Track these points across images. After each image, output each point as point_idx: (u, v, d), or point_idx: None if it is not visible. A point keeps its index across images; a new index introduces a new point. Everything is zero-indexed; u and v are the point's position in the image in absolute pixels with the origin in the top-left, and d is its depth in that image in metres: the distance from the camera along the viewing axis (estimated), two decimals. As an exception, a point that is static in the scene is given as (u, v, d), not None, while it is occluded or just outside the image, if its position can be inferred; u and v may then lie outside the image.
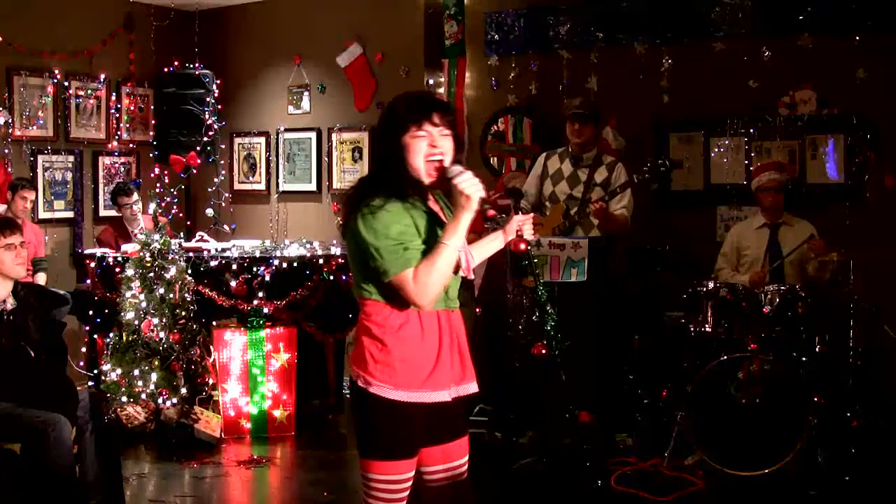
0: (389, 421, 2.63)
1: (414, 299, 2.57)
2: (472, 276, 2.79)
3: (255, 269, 6.05)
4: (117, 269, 6.14)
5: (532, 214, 3.04)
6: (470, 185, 2.56)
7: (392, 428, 2.63)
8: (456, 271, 2.67)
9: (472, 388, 2.76)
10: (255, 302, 5.99)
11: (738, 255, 5.54)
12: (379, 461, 2.64)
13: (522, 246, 2.90)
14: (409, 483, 2.70)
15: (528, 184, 5.71)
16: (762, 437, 4.72)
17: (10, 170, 6.95)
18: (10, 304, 4.11)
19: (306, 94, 7.91)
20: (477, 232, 5.10)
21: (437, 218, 2.69)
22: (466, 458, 2.81)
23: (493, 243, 2.97)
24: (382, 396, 2.61)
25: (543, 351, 4.97)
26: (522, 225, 2.91)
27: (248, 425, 5.91)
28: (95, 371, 6.36)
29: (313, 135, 7.88)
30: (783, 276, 5.28)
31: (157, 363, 5.76)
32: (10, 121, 7.02)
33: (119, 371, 5.79)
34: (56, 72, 7.31)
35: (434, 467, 2.75)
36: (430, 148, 2.63)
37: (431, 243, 2.59)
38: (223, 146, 7.94)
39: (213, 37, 8.16)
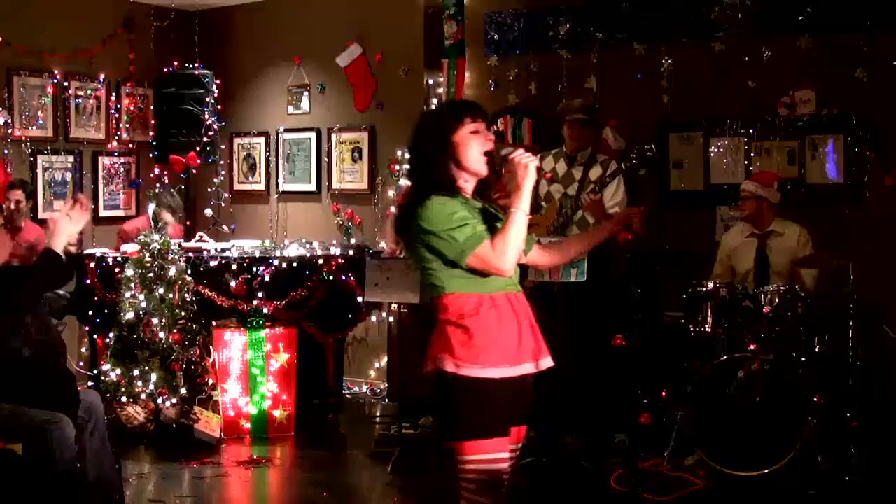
0: (483, 399, 2.73)
1: (497, 266, 2.74)
2: (524, 259, 2.98)
3: (254, 269, 6.05)
4: (117, 270, 6.14)
5: (642, 207, 3.24)
6: (526, 157, 2.78)
7: (485, 406, 2.74)
8: None
9: (549, 362, 2.90)
10: (255, 302, 5.99)
11: (729, 264, 5.52)
12: (475, 440, 2.74)
13: (627, 236, 3.09)
14: (507, 465, 2.81)
15: None
16: (762, 437, 4.72)
17: (9, 170, 6.94)
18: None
19: (306, 94, 7.90)
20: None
21: (484, 208, 2.89)
22: (521, 444, 2.98)
23: (597, 235, 3.22)
24: (473, 377, 2.73)
25: None
26: (631, 217, 3.14)
27: (248, 425, 5.91)
28: (95, 371, 6.36)
29: (313, 135, 7.88)
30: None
31: (157, 363, 5.76)
32: (9, 121, 7.01)
33: (119, 371, 5.79)
34: (56, 72, 7.31)
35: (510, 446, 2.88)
36: (485, 141, 2.85)
37: (490, 227, 2.79)
38: (223, 146, 7.93)
39: (213, 37, 8.16)
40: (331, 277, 6.17)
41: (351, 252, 6.42)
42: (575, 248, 3.18)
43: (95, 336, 6.51)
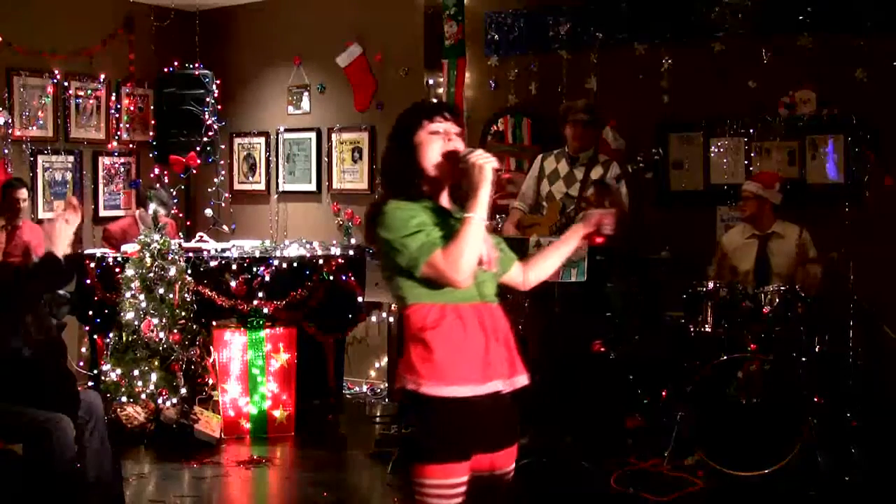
0: (443, 420, 2.57)
1: (450, 275, 2.53)
2: (494, 270, 2.78)
3: (254, 269, 6.05)
4: (117, 270, 6.14)
5: (614, 210, 3.11)
6: (482, 158, 2.60)
7: (446, 427, 2.57)
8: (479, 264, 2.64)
9: (522, 380, 2.69)
10: (255, 302, 5.99)
11: (729, 265, 5.53)
12: (432, 464, 2.58)
13: (599, 239, 2.98)
14: (463, 489, 2.62)
15: (526, 185, 5.74)
16: (762, 437, 4.72)
17: (9, 170, 6.94)
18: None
19: (306, 94, 7.90)
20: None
21: (451, 214, 2.70)
22: (511, 467, 2.77)
23: (570, 241, 2.98)
24: (433, 395, 2.55)
25: None
26: (604, 220, 2.95)
27: (248, 425, 5.91)
28: (95, 371, 6.36)
29: (313, 135, 7.88)
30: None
31: (157, 363, 5.76)
32: (10, 121, 7.01)
33: (119, 371, 5.79)
34: (56, 72, 7.31)
35: (478, 473, 2.69)
36: (445, 142, 2.70)
37: (449, 235, 2.59)
38: (223, 146, 7.94)
39: (213, 37, 8.16)
40: (331, 277, 6.17)
41: (351, 252, 6.43)
42: (553, 259, 2.96)
43: (95, 336, 6.52)
